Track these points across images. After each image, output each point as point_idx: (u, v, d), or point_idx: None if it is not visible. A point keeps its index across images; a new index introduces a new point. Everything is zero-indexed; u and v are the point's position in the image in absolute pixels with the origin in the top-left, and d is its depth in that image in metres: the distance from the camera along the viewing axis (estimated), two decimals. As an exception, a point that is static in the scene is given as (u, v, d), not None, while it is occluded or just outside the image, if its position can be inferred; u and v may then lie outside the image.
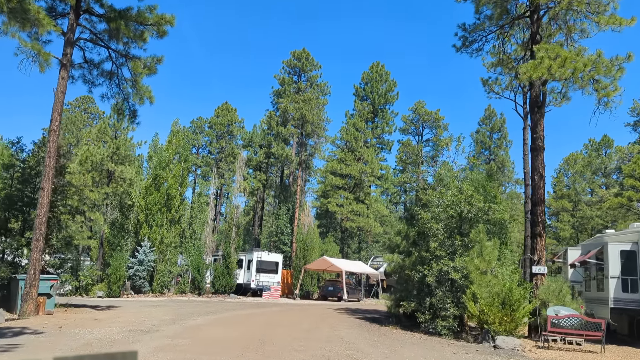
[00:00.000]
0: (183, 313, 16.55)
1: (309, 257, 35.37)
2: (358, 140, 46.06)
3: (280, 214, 43.27)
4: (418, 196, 15.59)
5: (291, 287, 36.68)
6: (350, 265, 35.31)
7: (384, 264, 39.97)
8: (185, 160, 36.67)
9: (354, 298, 33.85)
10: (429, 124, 55.66)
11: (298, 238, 35.84)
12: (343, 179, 44.66)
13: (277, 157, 47.57)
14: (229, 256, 32.92)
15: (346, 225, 43.88)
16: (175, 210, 34.87)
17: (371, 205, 44.97)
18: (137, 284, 31.55)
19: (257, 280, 34.20)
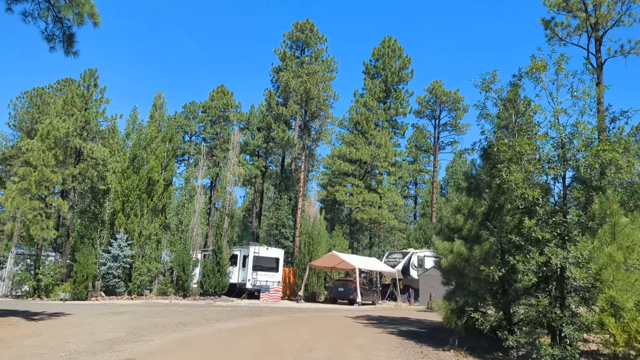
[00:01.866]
0: (142, 327, 11.79)
1: (314, 253, 30.61)
2: (369, 122, 41.21)
3: (281, 204, 38.48)
4: (488, 153, 10.41)
5: (294, 287, 31.91)
6: (364, 262, 30.55)
7: (402, 260, 35.21)
8: (170, 139, 31.97)
9: (367, 300, 29.10)
10: (447, 105, 50.75)
11: (302, 230, 31.08)
12: (352, 165, 39.84)
13: (278, 141, 42.76)
14: (221, 251, 28.20)
15: (356, 217, 39.08)
16: (157, 197, 30.20)
17: (384, 194, 40.17)
18: (111, 284, 26.90)
19: (254, 279, 29.50)
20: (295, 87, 36.71)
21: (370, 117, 41.31)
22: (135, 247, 27.68)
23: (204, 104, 59.77)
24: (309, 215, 32.34)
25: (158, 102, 31.54)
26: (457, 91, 49.76)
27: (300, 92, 36.93)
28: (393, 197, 40.59)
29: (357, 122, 42.24)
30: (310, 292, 30.65)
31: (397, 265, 35.45)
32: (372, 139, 41.25)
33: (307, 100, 37.22)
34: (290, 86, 36.91)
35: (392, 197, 40.44)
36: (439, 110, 51.61)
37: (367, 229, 43.51)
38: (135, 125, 30.87)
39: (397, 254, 36.63)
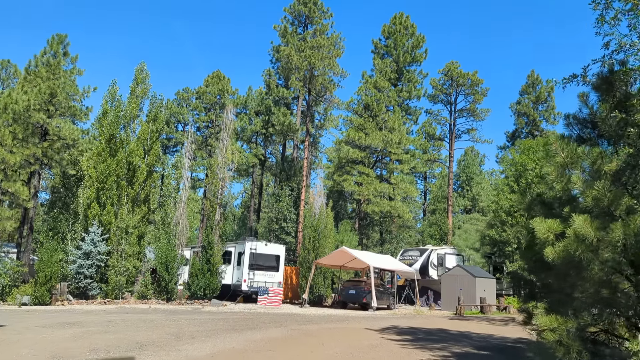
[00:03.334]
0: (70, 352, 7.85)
1: (320, 249, 26.75)
2: (380, 104, 37.29)
3: (282, 195, 34.60)
4: (612, 81, 6.16)
5: (297, 289, 28.06)
6: (379, 260, 26.72)
7: (419, 259, 31.37)
8: (154, 119, 28.12)
9: (382, 304, 25.26)
10: (464, 89, 46.72)
11: (306, 223, 27.22)
12: (362, 152, 35.93)
13: (278, 126, 38.83)
14: (211, 247, 24.35)
15: (366, 210, 35.19)
16: (139, 185, 26.39)
17: (397, 185, 36.23)
18: (82, 286, 23.04)
19: (250, 280, 25.74)
20: (298, 63, 32.79)
21: (381, 99, 37.40)
22: (114, 242, 23.86)
23: (197, 90, 55.86)
24: (315, 205, 28.43)
25: (140, 76, 27.65)
26: (476, 73, 45.78)
27: (303, 69, 33.04)
28: (407, 188, 36.65)
29: (366, 105, 38.32)
30: (316, 295, 26.76)
31: (414, 263, 31.55)
32: (383, 124, 37.34)
33: (311, 78, 33.31)
34: (293, 62, 32.99)
35: (406, 189, 36.49)
36: (455, 94, 47.65)
37: (377, 224, 39.61)
38: (114, 102, 27.00)
39: (413, 252, 32.73)
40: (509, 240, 31.22)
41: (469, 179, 61.12)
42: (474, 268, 29.21)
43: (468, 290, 26.66)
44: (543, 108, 52.46)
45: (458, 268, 28.27)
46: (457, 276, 27.79)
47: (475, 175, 62.56)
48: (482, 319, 20.55)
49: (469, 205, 59.47)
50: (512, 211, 31.15)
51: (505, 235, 31.15)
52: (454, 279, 27.85)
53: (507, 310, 26.17)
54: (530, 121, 52.09)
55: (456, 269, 28.36)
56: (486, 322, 18.32)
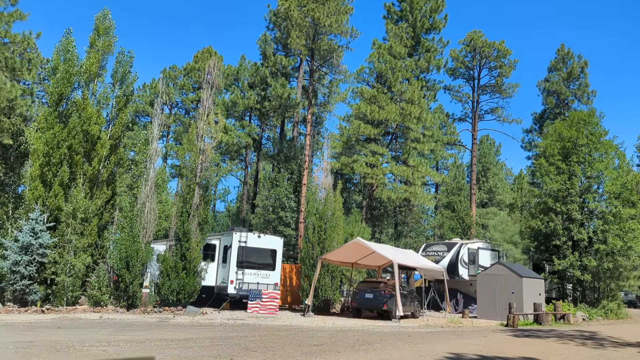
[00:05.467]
0: None
1: (328, 242, 21.65)
2: (396, 72, 32.06)
3: (280, 179, 29.39)
4: None
5: (298, 292, 22.92)
6: (404, 256, 21.61)
7: (447, 255, 26.37)
8: (121, 81, 23.08)
9: (405, 312, 20.09)
10: (489, 61, 41.46)
11: (309, 210, 22.06)
12: (375, 128, 30.70)
13: (275, 100, 33.65)
14: (187, 238, 19.26)
15: (381, 197, 30.02)
16: (100, 162, 21.31)
17: (416, 168, 31.00)
18: (18, 289, 17.97)
19: (239, 281, 20.81)
20: (300, 20, 27.51)
21: (397, 66, 32.16)
22: (70, 233, 18.78)
23: (186, 67, 50.73)
24: (322, 186, 23.19)
25: (102, 25, 22.46)
26: (503, 42, 40.54)
27: (305, 26, 27.75)
28: (428, 172, 31.41)
29: (379, 74, 33.14)
30: (321, 300, 21.55)
31: (440, 260, 26.42)
32: (399, 96, 32.12)
33: (315, 37, 28.06)
34: (293, 19, 27.71)
35: (427, 173, 31.24)
36: (479, 67, 42.37)
37: (391, 214, 34.43)
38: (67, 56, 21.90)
39: (439, 246, 27.55)
40: (557, 231, 25.98)
41: (486, 169, 56.13)
42: (517, 266, 24.04)
43: (515, 294, 21.48)
44: (575, 86, 47.21)
45: (499, 266, 23.09)
46: (497, 276, 22.61)
47: (492, 166, 57.63)
48: (553, 334, 15.35)
49: (486, 199, 54.42)
50: (562, 195, 25.92)
51: (553, 226, 25.90)
52: (494, 279, 22.67)
53: (566, 319, 20.95)
54: (562, 100, 46.83)
55: (496, 267, 23.17)
56: (569, 340, 13.15)
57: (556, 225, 25.93)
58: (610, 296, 26.33)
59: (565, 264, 25.25)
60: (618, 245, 24.81)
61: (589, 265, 25.17)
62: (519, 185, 63.99)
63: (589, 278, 25.31)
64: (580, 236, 25.40)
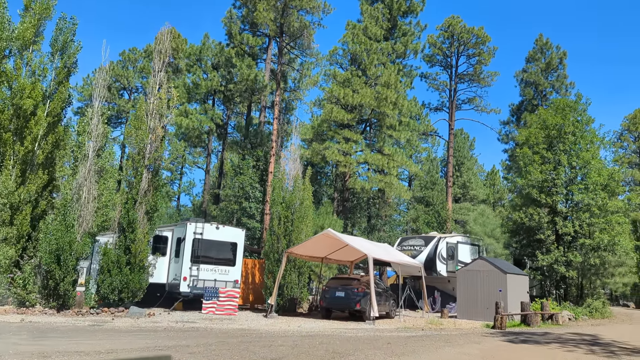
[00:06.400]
0: None
1: (295, 235, 19.53)
2: (371, 54, 30.04)
3: (244, 167, 27.05)
4: None
5: (260, 290, 20.70)
6: (379, 250, 19.64)
7: (424, 249, 24.57)
8: (63, 50, 20.48)
9: (380, 311, 18.15)
10: (468, 48, 39.92)
11: (275, 199, 19.85)
12: (349, 113, 28.62)
13: (242, 82, 31.26)
14: (132, 229, 16.87)
15: (354, 187, 28.02)
16: (33, 141, 18.70)
17: (392, 157, 29.09)
18: None
19: (193, 278, 18.57)
20: (267, -8, 25.17)
21: (372, 48, 30.17)
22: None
23: (146, 49, 47.74)
24: (288, 174, 21.00)
25: (38, -15, 19.66)
26: (482, 29, 39.08)
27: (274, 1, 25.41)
28: (405, 162, 29.54)
29: (353, 56, 31.13)
30: (287, 299, 19.38)
31: (417, 255, 24.58)
32: (375, 80, 30.15)
33: (285, 12, 25.77)
34: (260, -9, 25.34)
35: (403, 162, 29.36)
36: (456, 55, 40.81)
37: (364, 206, 32.50)
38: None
39: (415, 240, 25.73)
40: (541, 224, 24.45)
41: (460, 163, 54.95)
42: (501, 262, 22.42)
43: (497, 291, 19.80)
44: (553, 78, 46.23)
45: (480, 261, 21.37)
46: (479, 272, 20.90)
47: (466, 160, 56.53)
48: (550, 338, 13.57)
49: (459, 194, 53.20)
50: (547, 186, 24.39)
51: (537, 219, 24.36)
52: (475, 276, 20.95)
53: (554, 319, 19.33)
54: (539, 92, 45.78)
55: (478, 263, 21.45)
56: (573, 347, 11.36)
57: (540, 218, 24.41)
58: (596, 294, 25.00)
59: (550, 260, 23.74)
60: (605, 239, 23.44)
61: (574, 261, 23.74)
62: (491, 181, 63.39)
63: (574, 274, 23.89)
64: (566, 230, 23.94)
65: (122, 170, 26.76)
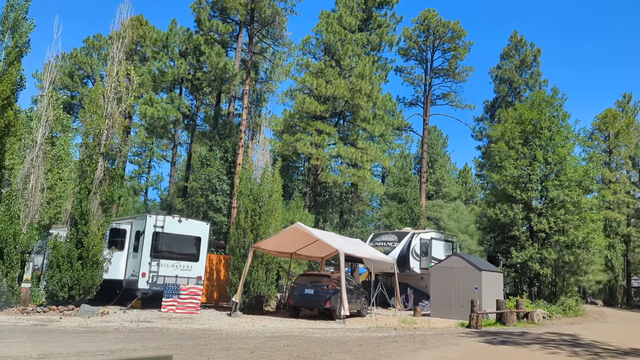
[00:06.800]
0: None
1: (262, 230, 18.58)
2: (345, 44, 29.20)
3: (211, 158, 25.89)
4: None
5: (226, 287, 19.65)
6: (351, 246, 18.82)
7: (397, 245, 23.90)
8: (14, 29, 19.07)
9: (351, 309, 17.34)
10: (443, 42, 39.49)
11: (241, 190, 18.82)
12: (322, 104, 27.74)
13: (210, 70, 30.05)
14: (86, 221, 15.62)
15: (326, 181, 27.16)
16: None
17: (366, 151, 28.34)
18: None
19: (153, 273, 17.41)
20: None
21: (347, 38, 29.34)
22: None
23: (111, 36, 45.69)
24: (255, 167, 19.97)
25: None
26: (458, 22, 38.66)
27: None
28: (379, 156, 28.81)
29: (327, 46, 30.24)
30: (253, 297, 18.40)
31: (389, 252, 23.89)
32: (349, 71, 29.34)
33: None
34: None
35: (377, 157, 28.63)
36: (432, 49, 40.34)
37: (337, 201, 31.70)
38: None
39: (388, 236, 25.05)
40: (516, 221, 24.03)
41: (433, 160, 54.71)
42: (475, 258, 21.88)
43: (472, 289, 19.22)
44: (527, 75, 46.23)
45: (455, 258, 20.78)
46: (453, 269, 20.30)
47: (440, 157, 56.37)
48: (529, 338, 12.95)
49: (432, 191, 52.97)
50: (522, 182, 23.97)
51: (512, 215, 23.92)
52: (449, 273, 20.34)
53: (529, 317, 18.85)
54: (513, 89, 45.74)
55: (452, 259, 20.86)
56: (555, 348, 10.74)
57: (515, 214, 23.98)
58: (569, 292, 24.73)
59: (524, 257, 23.34)
60: (579, 237, 23.15)
61: (548, 258, 23.39)
62: (463, 179, 63.48)
63: (548, 272, 23.54)
64: (541, 226, 23.57)
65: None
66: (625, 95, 54.47)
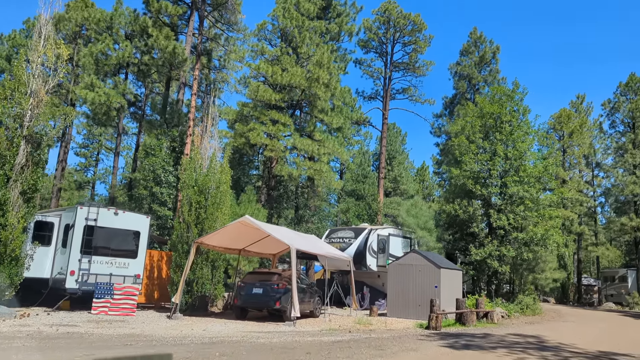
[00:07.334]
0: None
1: (208, 224, 17.21)
2: (303, 31, 27.98)
3: (156, 147, 24.16)
4: None
5: (166, 286, 18.10)
6: (305, 242, 17.70)
7: (354, 242, 22.93)
8: None
9: (305, 309, 16.31)
10: (404, 34, 38.81)
11: (185, 180, 17.34)
12: (278, 93, 26.40)
13: (158, 54, 28.21)
14: (4, 212, 13.81)
15: (281, 174, 25.85)
16: None
17: (323, 143, 27.22)
18: None
19: (83, 271, 15.78)
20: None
21: (305, 25, 28.12)
22: None
23: (54, 17, 42.90)
24: (202, 154, 18.48)
25: None
26: (418, 15, 38.03)
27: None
28: (336, 149, 27.73)
29: (284, 32, 28.92)
30: (197, 297, 16.96)
31: (346, 248, 22.86)
32: (306, 59, 28.13)
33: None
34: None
35: (334, 150, 27.55)
36: (392, 41, 39.58)
37: (292, 196, 30.46)
38: None
39: (345, 232, 24.04)
40: (475, 217, 23.46)
41: (392, 157, 54.26)
42: (434, 255, 21.11)
43: (431, 287, 18.41)
44: (486, 72, 46.21)
45: (414, 255, 19.92)
46: (412, 266, 19.46)
47: (398, 155, 56.00)
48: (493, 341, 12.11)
49: (390, 188, 52.52)
50: (482, 177, 23.40)
51: (472, 211, 23.32)
52: (407, 270, 19.49)
53: (489, 317, 18.17)
54: (472, 85, 45.65)
55: (410, 256, 19.99)
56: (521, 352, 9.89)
57: (475, 210, 23.40)
58: (527, 290, 24.38)
59: (484, 254, 22.77)
60: (538, 234, 22.77)
61: (507, 256, 22.92)
62: (421, 177, 63.46)
63: (507, 269, 23.06)
64: (500, 222, 23.06)
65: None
66: (578, 96, 55.51)
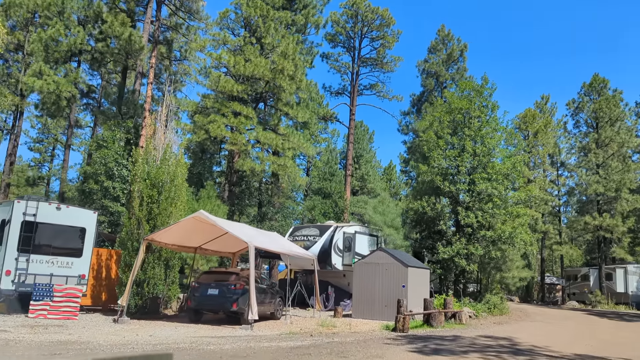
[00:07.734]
0: None
1: (161, 220, 16.09)
2: (268, 20, 26.93)
3: (109, 139, 22.71)
4: None
5: (114, 287, 16.79)
6: (264, 239, 16.70)
7: (319, 240, 22.14)
8: None
9: (265, 311, 15.32)
10: (372, 29, 38.17)
11: (136, 173, 16.14)
12: (240, 85, 25.27)
13: (114, 41, 26.71)
14: None
15: (243, 169, 24.74)
16: None
17: (288, 138, 26.23)
18: None
19: (20, 271, 14.48)
20: None
21: (270, 15, 27.07)
22: None
23: (4, 3, 40.57)
24: (157, 147, 17.27)
25: None
26: (387, 10, 37.45)
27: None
28: (301, 144, 26.78)
29: (247, 21, 27.80)
30: (148, 299, 15.76)
31: (310, 247, 21.97)
32: (271, 50, 27.08)
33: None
34: None
35: (299, 144, 26.60)
36: (360, 36, 38.87)
37: (255, 192, 29.37)
38: None
39: (310, 230, 23.15)
40: (443, 214, 22.92)
41: (359, 156, 53.73)
42: (401, 254, 20.44)
43: (398, 287, 17.71)
44: (453, 70, 46.10)
45: (380, 253, 19.20)
46: (378, 265, 18.74)
47: (365, 153, 55.53)
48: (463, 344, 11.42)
49: (357, 186, 51.99)
50: (451, 174, 22.87)
51: (440, 207, 22.77)
52: (374, 269, 18.76)
53: (457, 318, 17.57)
54: (440, 83, 45.46)
55: (377, 255, 19.26)
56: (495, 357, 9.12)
57: (443, 207, 22.87)
58: (494, 289, 24.00)
59: (451, 252, 22.25)
60: (506, 232, 22.39)
61: (475, 254, 22.46)
62: (388, 176, 63.20)
63: (475, 268, 22.60)
64: (468, 220, 22.59)
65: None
66: (543, 97, 56.09)
